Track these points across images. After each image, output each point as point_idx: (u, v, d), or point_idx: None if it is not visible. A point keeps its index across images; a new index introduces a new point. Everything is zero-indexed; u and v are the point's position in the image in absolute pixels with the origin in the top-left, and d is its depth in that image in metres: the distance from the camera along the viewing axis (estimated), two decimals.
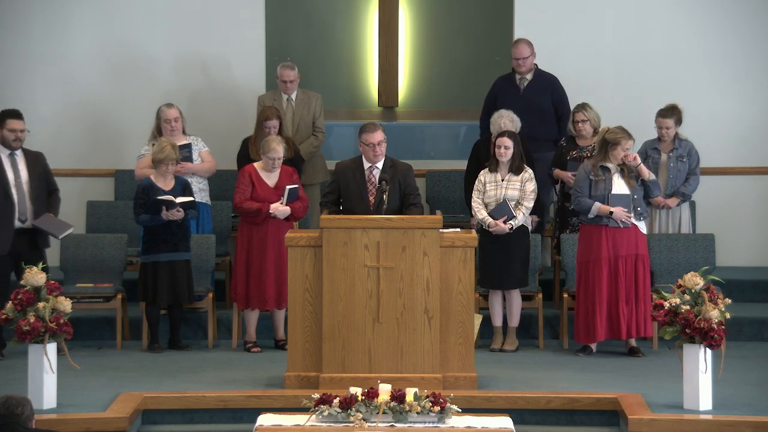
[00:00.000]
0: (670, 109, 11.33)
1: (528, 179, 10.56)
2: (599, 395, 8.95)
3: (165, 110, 11.36)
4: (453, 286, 9.18)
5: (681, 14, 12.73)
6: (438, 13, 13.42)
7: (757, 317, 11.12)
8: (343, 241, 9.12)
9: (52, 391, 8.68)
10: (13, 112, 10.46)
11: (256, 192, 10.57)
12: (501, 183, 10.58)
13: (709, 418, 8.42)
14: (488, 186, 10.61)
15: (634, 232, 10.38)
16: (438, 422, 8.01)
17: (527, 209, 10.55)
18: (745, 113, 12.71)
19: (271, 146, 10.56)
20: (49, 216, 10.50)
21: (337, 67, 13.42)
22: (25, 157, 10.48)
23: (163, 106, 11.41)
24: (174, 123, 11.30)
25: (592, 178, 10.47)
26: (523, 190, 10.53)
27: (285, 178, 10.63)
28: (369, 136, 9.85)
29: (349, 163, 10.01)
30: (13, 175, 10.39)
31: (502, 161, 10.56)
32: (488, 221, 10.48)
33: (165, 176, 10.66)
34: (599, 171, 10.45)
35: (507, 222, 10.46)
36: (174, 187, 10.65)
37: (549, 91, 11.88)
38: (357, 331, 9.11)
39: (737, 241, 12.63)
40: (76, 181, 12.58)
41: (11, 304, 8.71)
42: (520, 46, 11.91)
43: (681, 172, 11.27)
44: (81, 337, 10.60)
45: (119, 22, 12.69)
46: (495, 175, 10.62)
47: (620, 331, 10.32)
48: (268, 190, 10.59)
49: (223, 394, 9.00)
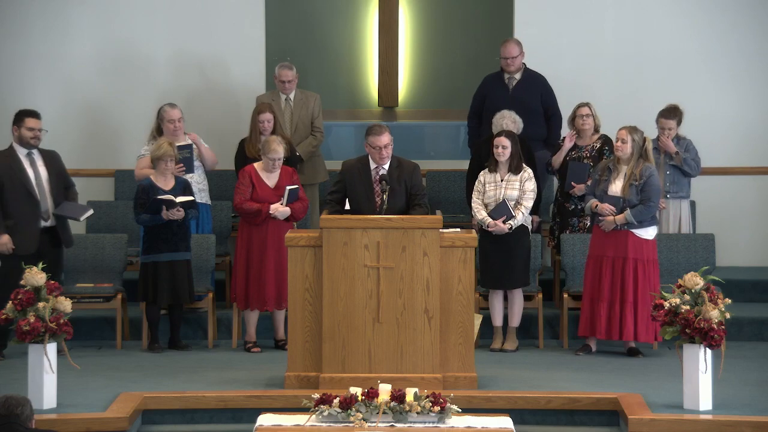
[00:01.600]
0: (672, 110, 11.34)
1: (527, 179, 10.57)
2: (599, 395, 8.95)
3: (168, 110, 11.34)
4: (453, 286, 9.18)
5: (681, 14, 12.73)
6: (438, 13, 13.43)
7: (757, 317, 11.12)
8: (343, 241, 9.12)
9: (52, 391, 8.68)
10: (31, 112, 10.45)
11: (257, 192, 10.56)
12: (500, 183, 10.59)
13: (709, 418, 8.42)
14: (488, 186, 10.62)
15: (624, 235, 10.33)
16: (438, 422, 8.01)
17: (526, 209, 10.55)
18: (745, 113, 12.71)
19: (271, 147, 10.56)
20: (67, 202, 10.54)
21: (337, 67, 13.43)
22: (42, 156, 10.49)
23: (165, 106, 11.39)
24: (177, 123, 11.30)
25: (596, 177, 10.54)
26: (523, 190, 10.54)
27: (285, 179, 10.63)
28: (375, 139, 9.71)
29: (355, 162, 9.91)
30: (33, 174, 10.40)
31: (500, 161, 10.57)
32: (488, 221, 10.49)
33: (165, 175, 10.66)
34: (606, 171, 10.50)
35: (506, 222, 10.47)
36: (174, 187, 10.65)
37: (538, 90, 11.86)
38: (357, 331, 9.11)
39: (737, 241, 12.63)
40: (76, 181, 12.51)
41: (11, 304, 8.71)
42: (509, 45, 11.89)
43: (677, 169, 11.29)
44: (81, 337, 10.61)
45: (119, 22, 12.69)
46: (494, 176, 10.63)
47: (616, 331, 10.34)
48: (269, 191, 10.58)
49: (223, 394, 9.00)
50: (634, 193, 10.31)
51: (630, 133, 10.36)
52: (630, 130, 10.40)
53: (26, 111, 10.49)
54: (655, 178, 10.35)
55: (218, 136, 12.38)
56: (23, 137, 10.38)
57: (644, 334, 10.32)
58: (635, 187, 10.29)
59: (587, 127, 11.30)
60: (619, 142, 10.38)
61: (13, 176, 10.30)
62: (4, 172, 10.29)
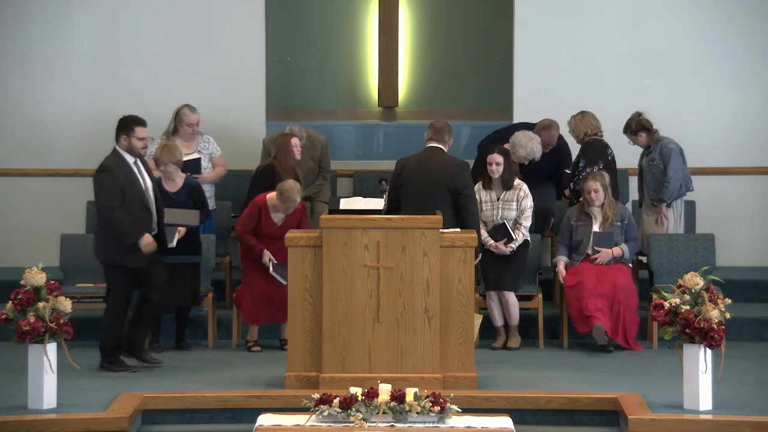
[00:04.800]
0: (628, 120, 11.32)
1: (523, 197, 10.74)
2: (599, 395, 8.95)
3: (188, 114, 11.39)
4: (453, 286, 9.18)
5: (681, 14, 12.73)
6: (438, 13, 13.42)
7: (757, 317, 11.12)
8: (343, 241, 9.12)
9: (52, 391, 8.67)
10: (140, 120, 9.90)
11: (261, 227, 10.59)
12: (497, 203, 10.74)
13: (709, 418, 8.42)
14: (485, 206, 10.77)
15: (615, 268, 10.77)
16: (438, 422, 8.01)
17: (526, 228, 10.73)
18: (746, 113, 12.71)
19: (290, 196, 10.42)
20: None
21: (337, 67, 13.42)
22: (144, 164, 10.06)
23: (185, 108, 11.40)
24: (196, 127, 11.40)
25: (573, 224, 10.83)
26: (521, 209, 10.71)
27: (294, 215, 10.59)
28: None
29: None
30: (143, 183, 9.94)
31: (494, 177, 10.72)
32: (489, 242, 10.64)
33: (173, 178, 10.64)
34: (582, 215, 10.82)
35: (507, 245, 10.59)
36: (180, 191, 10.64)
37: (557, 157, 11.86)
38: (357, 331, 9.11)
39: (737, 241, 12.63)
40: (76, 181, 12.58)
41: (11, 304, 8.70)
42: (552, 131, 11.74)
43: (656, 177, 11.31)
44: (81, 337, 10.59)
45: (119, 22, 12.69)
46: (489, 194, 10.79)
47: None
48: (274, 227, 10.60)
49: (223, 394, 9.00)
50: (618, 233, 10.76)
51: (598, 181, 10.76)
52: (595, 177, 10.79)
53: (135, 119, 9.92)
54: (632, 217, 10.98)
55: (218, 136, 12.39)
56: (134, 147, 9.84)
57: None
58: (618, 227, 10.76)
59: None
60: (592, 193, 10.74)
61: (132, 186, 9.86)
62: (125, 182, 9.84)
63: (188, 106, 11.43)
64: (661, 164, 11.24)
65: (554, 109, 12.12)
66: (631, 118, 11.32)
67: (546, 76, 12.58)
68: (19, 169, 12.69)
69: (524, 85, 12.66)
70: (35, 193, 12.69)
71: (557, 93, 12.37)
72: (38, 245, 12.24)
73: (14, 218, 12.68)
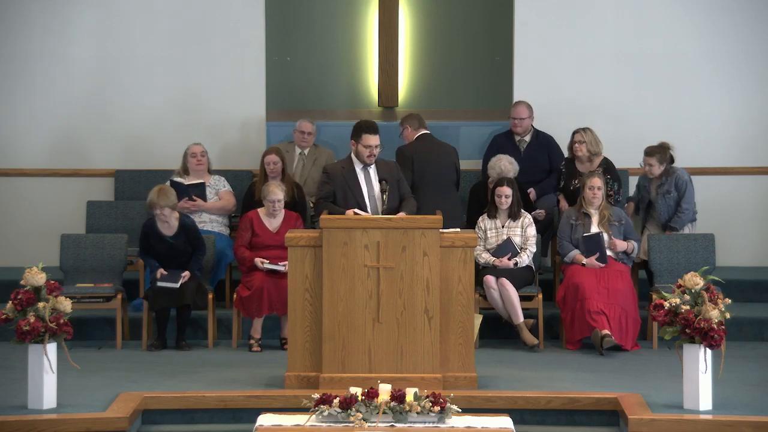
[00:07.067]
0: (656, 147, 11.38)
1: (528, 224, 10.90)
2: (599, 395, 8.95)
3: (192, 146, 11.62)
4: (453, 286, 9.18)
5: (681, 14, 12.71)
6: (438, 13, 13.42)
7: (757, 317, 11.12)
8: (343, 241, 9.12)
9: (52, 391, 8.68)
10: (369, 126, 9.76)
11: (257, 237, 10.63)
12: (501, 230, 10.88)
13: (709, 418, 8.43)
14: (489, 233, 10.90)
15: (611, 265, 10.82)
16: (438, 422, 8.01)
17: (531, 252, 10.84)
18: (746, 113, 12.70)
19: (269, 189, 10.68)
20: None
21: (337, 67, 13.42)
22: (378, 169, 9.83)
23: (191, 145, 11.63)
24: (200, 157, 11.52)
25: (573, 222, 10.91)
26: (525, 236, 10.86)
27: (289, 223, 10.65)
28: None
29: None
30: (367, 189, 9.76)
31: (501, 209, 10.86)
32: (492, 260, 10.75)
33: (168, 221, 10.66)
34: (581, 215, 10.91)
35: (511, 259, 10.66)
36: (176, 235, 10.66)
37: (546, 150, 12.05)
38: (357, 331, 9.11)
39: (737, 241, 12.62)
40: (76, 181, 12.58)
41: (11, 304, 8.70)
42: (519, 107, 12.09)
43: (670, 207, 11.38)
44: (81, 337, 10.61)
45: (119, 22, 12.68)
46: (494, 222, 10.92)
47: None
48: (269, 235, 10.65)
49: (223, 394, 9.00)
50: (617, 234, 10.86)
51: (601, 179, 10.96)
52: (598, 175, 11.01)
53: (366, 126, 9.80)
54: (628, 217, 11.14)
55: (218, 136, 12.39)
56: (360, 154, 9.74)
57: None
58: (616, 228, 10.87)
59: (580, 154, 11.48)
60: (595, 189, 10.89)
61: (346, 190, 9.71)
62: (338, 186, 9.72)
63: (194, 143, 11.68)
64: (677, 195, 11.34)
65: (554, 108, 12.11)
66: (662, 148, 11.33)
67: (546, 76, 12.57)
68: (19, 169, 12.68)
69: (524, 85, 12.65)
70: (35, 193, 12.68)
71: (557, 93, 12.36)
72: (38, 245, 12.23)
73: (14, 218, 12.67)
